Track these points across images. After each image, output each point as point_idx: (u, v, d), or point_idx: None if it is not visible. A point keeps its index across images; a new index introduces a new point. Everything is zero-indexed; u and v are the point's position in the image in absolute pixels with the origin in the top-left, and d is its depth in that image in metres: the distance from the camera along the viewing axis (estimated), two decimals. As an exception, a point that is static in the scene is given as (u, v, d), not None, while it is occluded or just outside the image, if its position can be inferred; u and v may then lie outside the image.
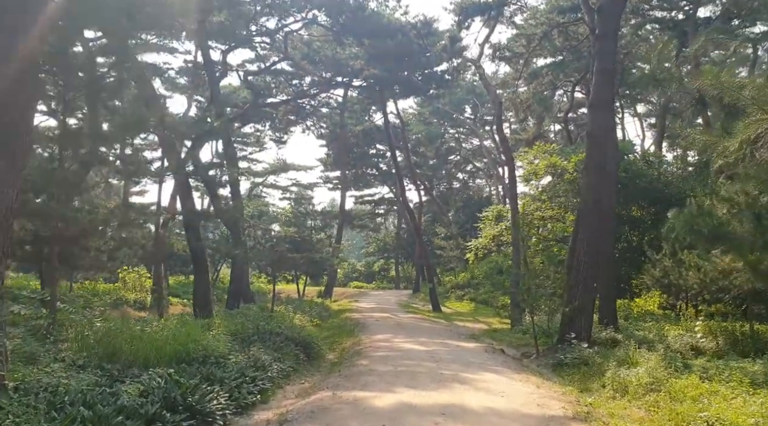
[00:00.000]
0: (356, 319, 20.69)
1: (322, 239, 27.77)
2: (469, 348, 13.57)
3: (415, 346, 13.33)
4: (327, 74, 27.76)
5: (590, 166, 13.17)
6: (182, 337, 8.38)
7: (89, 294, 23.67)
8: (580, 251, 13.35)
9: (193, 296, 16.04)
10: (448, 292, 36.54)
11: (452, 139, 55.04)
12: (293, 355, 10.59)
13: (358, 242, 73.15)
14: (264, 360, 8.90)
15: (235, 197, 20.17)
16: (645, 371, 9.07)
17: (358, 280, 57.40)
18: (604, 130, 13.12)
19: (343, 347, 13.88)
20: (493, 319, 23.90)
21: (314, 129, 37.51)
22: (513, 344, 15.90)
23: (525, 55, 24.88)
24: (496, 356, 12.46)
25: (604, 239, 13.91)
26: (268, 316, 16.37)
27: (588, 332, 13.21)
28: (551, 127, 52.30)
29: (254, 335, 10.80)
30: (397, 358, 11.05)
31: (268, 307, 18.78)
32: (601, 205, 13.38)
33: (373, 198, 53.76)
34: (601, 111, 12.99)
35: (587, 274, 13.15)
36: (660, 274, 17.46)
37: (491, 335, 17.76)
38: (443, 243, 43.47)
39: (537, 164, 26.63)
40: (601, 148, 13.08)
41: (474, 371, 9.84)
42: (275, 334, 11.18)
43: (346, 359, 11.33)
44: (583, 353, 11.29)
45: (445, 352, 12.21)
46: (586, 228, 13.24)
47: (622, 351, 11.12)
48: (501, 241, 30.93)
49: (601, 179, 13.24)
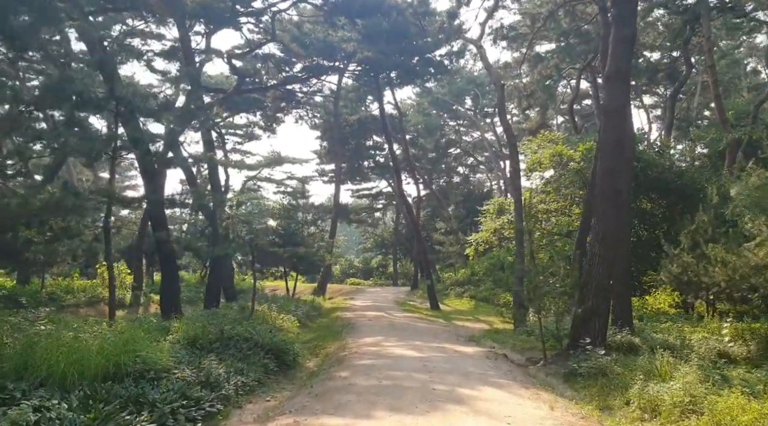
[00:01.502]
0: (347, 319, 19.15)
1: (313, 234, 26.20)
2: (468, 353, 12.01)
3: (408, 351, 11.77)
4: (319, 59, 26.11)
5: (606, 148, 11.58)
6: (113, 348, 6.81)
7: (62, 291, 22.24)
8: (594, 245, 11.77)
9: (160, 295, 14.50)
10: (448, 289, 35.05)
11: (452, 132, 53.39)
12: (261, 365, 9.03)
13: (356, 238, 71.53)
14: (218, 374, 7.34)
15: (214, 186, 18.59)
16: (681, 387, 7.53)
17: (356, 276, 55.81)
18: (621, 106, 11.53)
19: (327, 352, 12.33)
20: (494, 318, 22.40)
21: (308, 119, 35.87)
22: (517, 348, 14.36)
23: (529, 37, 23.23)
24: (499, 364, 10.90)
25: (621, 231, 12.34)
26: (247, 316, 14.88)
27: (603, 336, 11.66)
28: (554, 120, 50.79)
29: (216, 342, 9.24)
30: (384, 367, 9.49)
31: (249, 307, 17.28)
32: (618, 193, 11.80)
33: (370, 192, 52.19)
34: (618, 83, 11.40)
35: (602, 271, 11.58)
36: (678, 270, 15.94)
37: (493, 337, 16.20)
38: (443, 238, 41.90)
39: (541, 154, 25.08)
40: (618, 126, 11.49)
41: (473, 385, 8.29)
42: (243, 339, 9.62)
43: (324, 370, 9.77)
44: (600, 361, 9.73)
45: (440, 360, 10.65)
46: (601, 218, 11.65)
47: (646, 359, 9.58)
48: (503, 236, 29.41)
49: (618, 163, 11.66)
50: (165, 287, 13.72)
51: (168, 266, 13.48)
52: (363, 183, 51.76)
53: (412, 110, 48.25)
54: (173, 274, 13.60)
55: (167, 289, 13.66)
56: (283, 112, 32.85)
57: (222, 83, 31.90)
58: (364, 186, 52.49)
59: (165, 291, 13.75)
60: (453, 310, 26.85)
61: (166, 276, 13.70)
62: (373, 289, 43.06)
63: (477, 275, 33.25)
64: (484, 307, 27.57)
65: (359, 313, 21.96)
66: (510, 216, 27.00)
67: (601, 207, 11.72)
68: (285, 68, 27.96)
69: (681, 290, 16.86)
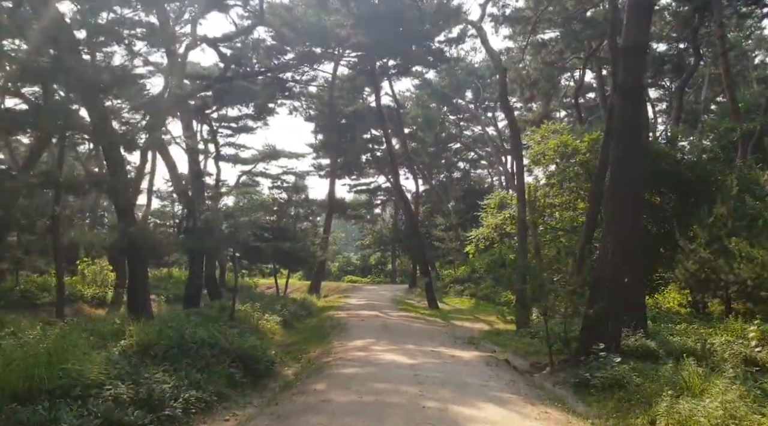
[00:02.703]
0: (338, 319, 17.92)
1: (306, 229, 24.97)
2: (465, 359, 10.78)
3: (398, 356, 10.54)
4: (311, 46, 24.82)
5: (623, 131, 10.31)
6: (31, 360, 5.58)
7: (38, 289, 21.04)
8: (607, 239, 10.53)
9: (127, 293, 13.28)
10: (447, 286, 33.87)
11: (452, 126, 52.03)
12: (225, 376, 7.81)
13: (355, 235, 70.28)
14: (163, 390, 6.11)
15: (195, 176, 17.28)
16: (719, 405, 6.31)
17: (354, 274, 54.55)
18: (639, 83, 10.28)
19: (310, 357, 11.12)
20: (494, 318, 21.20)
21: (302, 110, 34.59)
22: (520, 351, 13.15)
23: (533, 20, 21.93)
24: (500, 372, 9.66)
25: (636, 223, 11.11)
26: (228, 317, 13.68)
27: (616, 340, 10.42)
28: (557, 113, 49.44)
29: (174, 348, 8.01)
30: (369, 378, 8.27)
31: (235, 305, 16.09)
32: (633, 182, 10.56)
33: (368, 187, 50.86)
34: (635, 57, 10.16)
35: (616, 268, 10.34)
36: (695, 266, 14.71)
37: (493, 339, 14.98)
38: (442, 234, 40.63)
39: (546, 144, 23.79)
40: (635, 106, 10.26)
41: (471, 402, 7.06)
42: (208, 345, 8.39)
43: (300, 380, 8.55)
44: (616, 371, 8.50)
45: (434, 367, 9.42)
46: (614, 209, 10.42)
47: (669, 369, 8.36)
48: (504, 231, 28.12)
49: (634, 147, 10.42)
50: (131, 284, 12.52)
51: (134, 261, 12.27)
52: (361, 178, 50.51)
53: (410, 103, 46.94)
54: (140, 270, 12.38)
55: (133, 287, 12.44)
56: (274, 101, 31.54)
57: (214, 74, 30.64)
58: (362, 181, 51.24)
59: (131, 288, 12.54)
60: (452, 309, 25.67)
61: (132, 272, 12.49)
62: (370, 287, 41.85)
63: (477, 272, 32.08)
64: (485, 306, 26.40)
65: (352, 313, 20.75)
66: (512, 211, 25.70)
67: (614, 197, 10.48)
68: (276, 56, 26.69)
69: (696, 288, 15.61)
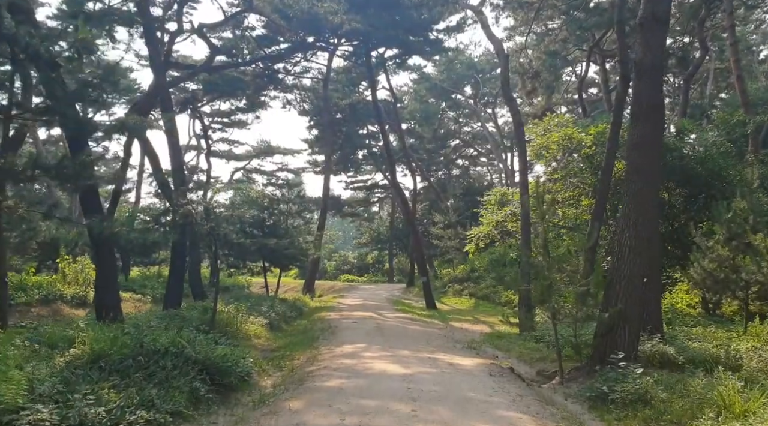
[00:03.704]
0: (330, 322, 16.85)
1: (298, 226, 23.87)
2: (466, 368, 9.69)
3: (391, 365, 9.46)
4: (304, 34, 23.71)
5: (641, 113, 9.22)
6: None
7: (14, 288, 19.89)
8: (623, 233, 9.45)
9: (95, 293, 12.18)
10: (446, 286, 32.81)
11: (451, 122, 50.92)
12: (188, 390, 6.72)
13: (352, 233, 69.17)
14: (97, 413, 5.02)
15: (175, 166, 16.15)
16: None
17: (351, 272, 53.47)
18: (658, 60, 9.20)
19: (293, 366, 10.03)
20: (494, 318, 20.22)
21: (296, 104, 33.46)
22: (524, 357, 12.09)
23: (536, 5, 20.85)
24: (505, 383, 8.57)
25: (654, 216, 10.04)
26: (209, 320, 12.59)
27: (634, 347, 9.36)
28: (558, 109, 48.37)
29: (130, 358, 6.92)
30: (355, 393, 7.19)
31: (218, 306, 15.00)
32: (653, 171, 9.48)
33: (365, 184, 49.79)
34: (655, 30, 9.08)
35: (634, 266, 9.27)
36: (713, 265, 13.66)
37: (495, 343, 13.89)
38: (441, 232, 39.54)
39: (548, 137, 22.73)
40: (656, 83, 9.19)
41: (473, 424, 5.98)
42: (171, 354, 7.30)
43: (276, 395, 7.46)
44: (639, 384, 7.43)
45: (430, 379, 8.34)
46: (633, 200, 9.33)
47: (702, 383, 7.30)
48: (505, 229, 27.07)
49: (655, 131, 9.35)
50: (99, 284, 11.42)
51: (102, 259, 11.18)
52: (358, 175, 49.45)
53: (408, 98, 45.85)
54: (109, 268, 11.28)
55: (102, 287, 11.35)
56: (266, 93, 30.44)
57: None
58: (359, 178, 50.19)
59: (99, 288, 11.45)
60: (451, 309, 24.61)
61: (100, 270, 11.40)
62: (367, 286, 40.80)
63: (477, 272, 31.03)
64: (485, 306, 25.37)
65: (346, 314, 19.69)
66: (513, 207, 24.67)
67: (632, 186, 9.38)
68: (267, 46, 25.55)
69: (713, 289, 14.54)
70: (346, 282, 46.59)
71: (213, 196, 13.88)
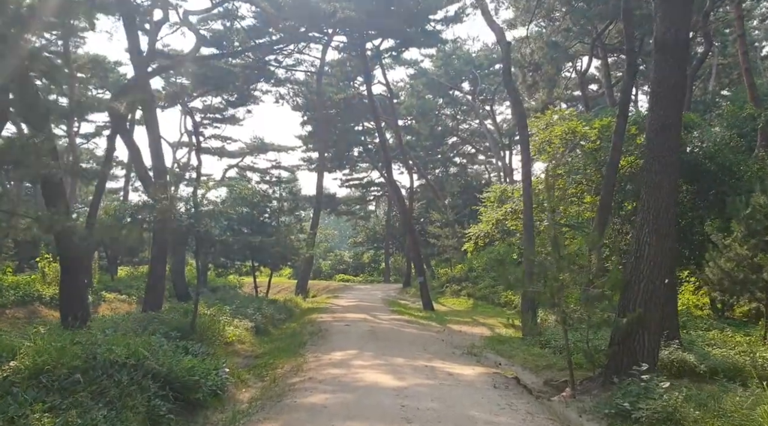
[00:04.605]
0: (321, 324, 15.87)
1: (289, 224, 22.86)
2: (467, 378, 8.73)
3: (383, 376, 8.49)
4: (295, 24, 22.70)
5: (662, 93, 8.27)
6: None
7: (-16, 288, 18.90)
8: (643, 229, 8.50)
9: (59, 294, 11.16)
10: (443, 286, 31.88)
11: (449, 119, 49.92)
12: (144, 410, 5.74)
13: (348, 232, 68.12)
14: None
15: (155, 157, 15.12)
16: None
17: (346, 272, 52.48)
18: (683, 34, 8.26)
19: (276, 376, 9.06)
20: (494, 320, 19.29)
21: (289, 99, 32.44)
22: (529, 364, 11.15)
23: (538, -8, 19.92)
24: (511, 398, 7.61)
25: (674, 211, 9.11)
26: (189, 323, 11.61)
27: (653, 355, 8.40)
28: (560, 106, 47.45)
29: (79, 372, 5.93)
30: (341, 412, 6.22)
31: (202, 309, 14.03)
32: (673, 160, 8.53)
33: (361, 181, 48.78)
34: (679, 1, 8.14)
35: (654, 266, 8.32)
36: (731, 264, 12.74)
37: (497, 348, 12.95)
38: (438, 230, 38.59)
39: (551, 131, 21.81)
40: (679, 61, 8.23)
41: (478, 453, 5.03)
42: (129, 367, 6.32)
43: (249, 416, 6.47)
44: (667, 400, 6.47)
45: (427, 393, 7.38)
46: (654, 191, 8.37)
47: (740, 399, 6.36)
48: (505, 227, 26.09)
49: (677, 113, 8.41)
50: (63, 285, 10.41)
51: (66, 257, 10.18)
52: (354, 173, 48.49)
53: (405, 94, 44.86)
54: (74, 267, 10.28)
55: (66, 288, 10.33)
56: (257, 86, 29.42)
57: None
58: (354, 176, 49.20)
59: (63, 290, 10.44)
60: (448, 311, 23.69)
61: (64, 270, 10.40)
62: (362, 287, 39.85)
63: (475, 271, 30.09)
64: (483, 307, 24.47)
65: (339, 316, 18.73)
66: (514, 204, 23.71)
67: (652, 176, 8.42)
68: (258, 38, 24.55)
69: (730, 290, 13.61)
70: (342, 282, 45.63)
71: (206, 193, 12.93)
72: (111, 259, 30.50)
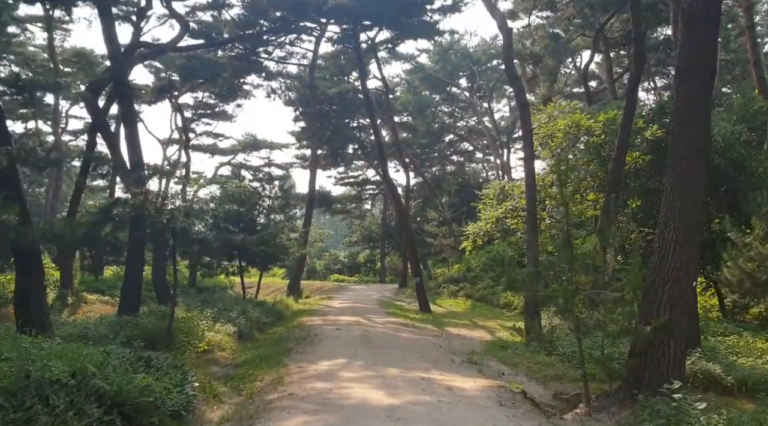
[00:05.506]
0: (310, 328, 14.86)
1: (279, 222, 21.86)
2: (468, 394, 7.74)
3: (374, 391, 7.50)
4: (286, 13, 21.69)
5: (688, 71, 7.31)
6: None
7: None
8: (668, 225, 7.54)
9: (15, 300, 10.09)
10: (440, 286, 30.87)
11: (446, 116, 48.94)
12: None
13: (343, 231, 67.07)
14: None
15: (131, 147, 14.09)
16: None
17: (341, 272, 51.47)
18: (715, 3, 7.31)
19: (253, 390, 8.06)
20: (494, 322, 18.37)
21: (281, 93, 31.41)
22: (535, 373, 10.19)
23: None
24: (519, 418, 6.63)
25: (701, 205, 8.14)
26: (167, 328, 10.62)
27: (679, 367, 7.44)
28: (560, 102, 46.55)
29: (4, 395, 4.92)
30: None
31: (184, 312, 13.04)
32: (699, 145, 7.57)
33: (356, 179, 47.76)
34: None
35: (680, 268, 7.35)
36: (753, 265, 11.79)
37: (499, 354, 11.97)
38: (435, 229, 37.61)
39: (554, 124, 20.86)
40: (708, 36, 7.28)
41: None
42: (69, 387, 5.30)
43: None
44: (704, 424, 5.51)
45: (424, 414, 6.39)
46: (679, 183, 7.41)
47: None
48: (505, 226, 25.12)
49: (705, 95, 7.45)
50: (19, 287, 9.41)
51: (22, 257, 9.17)
52: (348, 171, 47.48)
53: (401, 89, 43.85)
54: (31, 269, 9.28)
55: (22, 290, 9.32)
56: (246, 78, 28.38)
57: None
58: (349, 174, 48.20)
59: (19, 292, 9.43)
60: (446, 312, 22.71)
61: (19, 271, 9.40)
62: (357, 287, 38.85)
63: (473, 271, 29.10)
64: (482, 308, 23.51)
65: (331, 319, 17.74)
66: (514, 202, 22.76)
67: (677, 165, 7.46)
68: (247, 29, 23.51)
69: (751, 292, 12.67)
70: (336, 282, 44.65)
71: (197, 190, 11.97)
72: (96, 259, 29.46)
